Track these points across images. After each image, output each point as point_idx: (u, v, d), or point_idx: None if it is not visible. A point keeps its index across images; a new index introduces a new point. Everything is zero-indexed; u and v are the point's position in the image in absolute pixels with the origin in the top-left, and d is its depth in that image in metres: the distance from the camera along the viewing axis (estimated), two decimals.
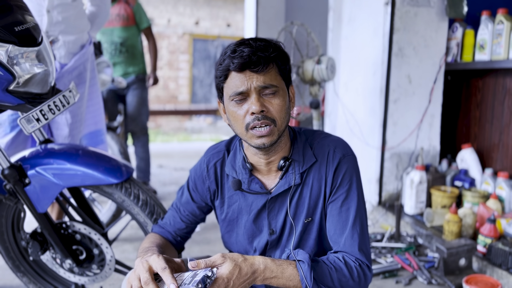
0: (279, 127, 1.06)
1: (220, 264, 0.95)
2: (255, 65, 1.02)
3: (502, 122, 2.80)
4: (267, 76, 1.04)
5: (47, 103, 1.39)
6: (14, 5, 1.30)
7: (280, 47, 1.09)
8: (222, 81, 1.07)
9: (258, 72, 1.03)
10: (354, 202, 1.12)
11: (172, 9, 10.10)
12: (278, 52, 1.07)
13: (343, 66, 3.44)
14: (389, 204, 3.00)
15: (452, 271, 2.18)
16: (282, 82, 1.08)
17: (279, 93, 1.06)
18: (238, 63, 1.02)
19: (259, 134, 1.04)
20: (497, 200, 2.49)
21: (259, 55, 1.02)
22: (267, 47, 1.04)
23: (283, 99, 1.07)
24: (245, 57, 1.01)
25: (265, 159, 1.14)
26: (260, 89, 1.04)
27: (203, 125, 10.20)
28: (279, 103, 1.05)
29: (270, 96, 1.05)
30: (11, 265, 1.74)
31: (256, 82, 1.03)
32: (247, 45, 1.03)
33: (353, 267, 1.06)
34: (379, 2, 2.90)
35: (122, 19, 3.54)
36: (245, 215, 1.21)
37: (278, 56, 1.07)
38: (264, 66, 1.03)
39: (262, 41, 1.06)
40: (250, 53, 1.01)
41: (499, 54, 2.60)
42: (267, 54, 1.03)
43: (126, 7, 3.55)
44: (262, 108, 1.03)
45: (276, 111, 1.05)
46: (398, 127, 2.96)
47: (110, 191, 1.51)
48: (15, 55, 1.26)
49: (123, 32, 3.55)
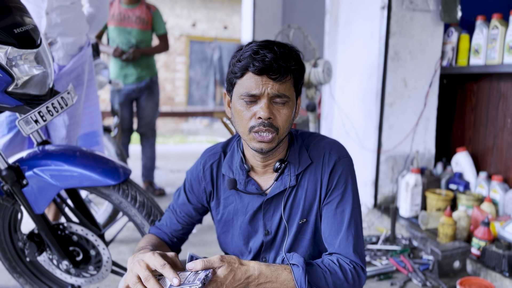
0: (280, 136, 1.08)
1: (218, 267, 0.96)
2: (274, 73, 1.02)
3: (497, 126, 2.82)
4: (283, 85, 1.05)
5: (46, 104, 1.39)
6: (13, 7, 1.30)
7: (300, 59, 1.10)
8: (237, 77, 1.07)
9: (275, 80, 1.03)
10: (349, 204, 1.13)
11: (169, 11, 10.11)
12: (298, 64, 1.08)
13: (340, 69, 3.45)
14: (384, 206, 3.02)
15: (447, 274, 2.19)
16: (293, 93, 1.09)
17: (288, 103, 1.07)
18: (259, 66, 1.02)
19: (260, 139, 1.05)
20: (491, 203, 2.51)
21: (280, 64, 1.03)
22: (290, 58, 1.05)
23: (291, 109, 1.08)
24: (266, 63, 1.01)
25: (262, 162, 1.15)
26: (272, 96, 1.05)
27: (199, 127, 10.20)
28: (286, 113, 1.07)
29: (280, 105, 1.06)
30: (8, 266, 1.74)
31: (270, 89, 1.03)
32: (271, 50, 1.03)
33: (347, 270, 1.07)
34: (376, 6, 2.93)
35: (142, 22, 3.60)
36: (241, 216, 1.22)
37: (297, 69, 1.08)
38: (282, 75, 1.04)
39: (286, 49, 1.06)
40: (272, 59, 1.02)
41: (494, 58, 2.63)
42: (288, 64, 1.04)
43: (147, 11, 3.63)
44: (270, 115, 1.04)
45: (282, 121, 1.06)
46: (393, 130, 2.98)
47: (107, 192, 1.51)
48: (14, 57, 1.27)
49: (140, 34, 3.61)
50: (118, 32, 3.56)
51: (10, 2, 1.30)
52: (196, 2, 10.42)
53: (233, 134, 1.60)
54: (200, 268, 0.95)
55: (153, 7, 3.69)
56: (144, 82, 3.68)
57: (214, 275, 0.94)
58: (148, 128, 3.80)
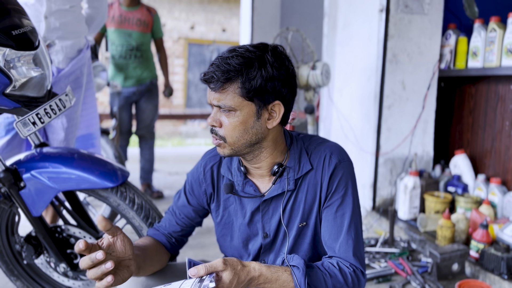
0: (231, 144, 1.08)
1: (221, 271, 0.94)
2: (213, 84, 1.04)
3: (495, 128, 2.83)
4: (223, 95, 1.04)
5: (43, 106, 1.39)
6: (12, 9, 1.30)
7: (250, 65, 1.02)
8: None
9: (214, 90, 1.04)
10: (349, 208, 1.12)
11: (167, 14, 10.12)
12: (240, 71, 1.02)
13: (338, 71, 3.46)
14: (383, 209, 3.02)
15: (445, 276, 2.19)
16: (243, 101, 1.04)
17: (234, 113, 1.05)
18: (203, 78, 1.05)
19: (214, 142, 1.10)
20: (489, 206, 2.51)
21: (216, 74, 1.02)
22: (228, 65, 1.02)
23: (239, 119, 1.05)
24: (207, 74, 1.04)
25: (248, 165, 1.16)
26: (217, 106, 1.06)
27: (198, 129, 10.19)
28: (231, 123, 1.06)
29: (224, 114, 1.06)
30: (5, 269, 1.73)
31: (213, 100, 1.06)
32: (216, 60, 1.04)
33: (347, 273, 1.07)
34: (374, 8, 2.93)
35: (142, 24, 3.60)
36: (240, 218, 1.21)
37: (240, 77, 1.02)
38: (219, 86, 1.03)
39: (232, 54, 1.03)
40: (212, 71, 1.03)
41: (492, 61, 2.64)
42: (225, 75, 1.02)
43: (148, 14, 3.63)
44: (213, 123, 1.07)
45: (227, 130, 1.06)
46: (392, 132, 2.98)
47: (105, 195, 1.51)
48: (12, 58, 1.27)
49: (140, 37, 3.61)
50: (118, 34, 3.56)
51: (8, 4, 1.30)
52: (195, 5, 10.43)
53: None
54: (203, 273, 0.92)
55: (153, 10, 3.70)
56: (144, 85, 3.68)
57: (219, 281, 0.93)
58: (147, 130, 3.80)
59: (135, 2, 3.60)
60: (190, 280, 0.93)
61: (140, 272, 1.12)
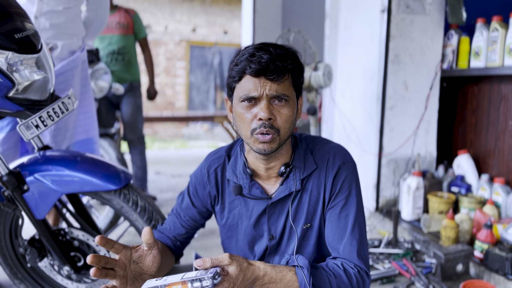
0: (281, 137, 1.07)
1: (227, 265, 0.94)
2: (271, 73, 1.02)
3: (498, 128, 2.82)
4: (281, 85, 1.04)
5: (46, 109, 1.39)
6: (14, 12, 1.30)
7: (298, 58, 1.09)
8: (235, 81, 1.07)
9: (273, 80, 1.03)
10: (353, 209, 1.12)
11: (169, 16, 10.13)
12: (295, 63, 1.07)
13: (340, 72, 3.46)
14: (386, 210, 3.01)
15: (450, 277, 2.18)
16: (293, 93, 1.08)
17: (288, 103, 1.06)
18: (255, 68, 1.01)
19: (262, 139, 1.04)
20: (493, 206, 2.50)
21: (277, 64, 1.02)
22: (286, 57, 1.04)
23: (292, 109, 1.07)
24: (263, 64, 1.01)
25: (264, 164, 1.14)
26: (271, 97, 1.04)
27: (200, 131, 10.20)
28: (287, 113, 1.06)
29: (279, 105, 1.05)
30: (9, 272, 1.73)
31: (269, 90, 1.03)
32: (267, 52, 1.03)
33: (352, 274, 1.07)
34: (375, 9, 2.93)
35: (122, 27, 3.56)
36: (245, 220, 1.21)
37: (295, 68, 1.07)
38: (280, 75, 1.03)
39: (282, 49, 1.06)
40: (268, 60, 1.01)
41: (494, 61, 2.63)
42: (285, 64, 1.04)
43: (126, 15, 3.58)
44: (270, 116, 1.04)
45: (283, 121, 1.06)
46: (394, 133, 2.98)
47: (108, 197, 1.51)
48: (14, 62, 1.27)
49: (121, 40, 3.56)
50: (100, 39, 3.52)
51: (10, 8, 1.30)
52: (196, 8, 10.45)
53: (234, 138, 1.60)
54: (209, 265, 0.93)
55: (132, 11, 3.63)
56: (124, 86, 3.56)
57: (226, 275, 0.93)
58: (134, 134, 3.61)
59: (112, 6, 3.55)
60: (195, 271, 0.94)
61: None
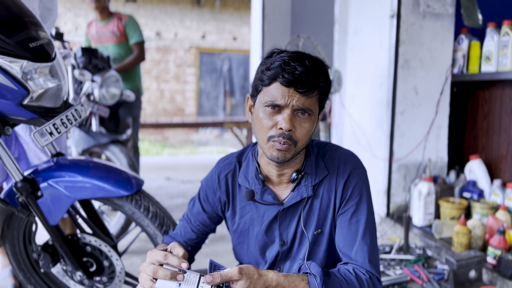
0: (297, 148, 1.07)
1: (237, 280, 0.95)
2: (302, 87, 1.02)
3: (510, 133, 2.79)
4: (308, 100, 1.04)
5: (60, 117, 1.41)
6: (28, 22, 1.33)
7: (328, 75, 1.09)
8: (264, 84, 1.06)
9: (302, 93, 1.03)
10: (363, 215, 1.12)
11: (179, 23, 10.21)
12: (326, 81, 1.07)
13: (350, 78, 3.45)
14: (397, 215, 2.99)
15: (462, 283, 2.16)
16: (317, 108, 1.09)
17: (311, 117, 1.07)
18: (288, 78, 1.01)
19: (278, 147, 1.05)
20: (506, 211, 2.47)
21: (310, 78, 1.02)
22: (319, 73, 1.04)
23: (312, 124, 1.08)
24: (296, 75, 1.01)
25: (277, 171, 1.15)
26: (296, 109, 1.04)
27: (210, 137, 10.24)
28: (307, 127, 1.06)
29: (302, 118, 1.06)
30: (22, 277, 1.75)
31: (296, 102, 1.03)
32: (302, 64, 1.02)
33: (363, 280, 1.07)
34: (385, 14, 2.93)
35: (115, 36, 3.58)
36: (256, 226, 1.21)
37: (325, 85, 1.08)
38: (310, 90, 1.03)
39: (316, 63, 1.05)
40: (302, 73, 1.01)
41: (506, 65, 2.61)
42: (317, 80, 1.04)
43: (119, 23, 3.59)
44: (292, 127, 1.04)
45: (302, 134, 1.06)
46: (405, 138, 2.96)
47: (120, 203, 1.53)
48: (29, 70, 1.29)
49: (116, 48, 3.60)
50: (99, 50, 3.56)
51: (25, 17, 1.33)
52: (206, 14, 10.51)
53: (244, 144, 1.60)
54: (218, 282, 0.93)
55: (124, 17, 3.62)
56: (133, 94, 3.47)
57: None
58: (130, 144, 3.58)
59: (106, 15, 3.58)
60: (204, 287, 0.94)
61: None
